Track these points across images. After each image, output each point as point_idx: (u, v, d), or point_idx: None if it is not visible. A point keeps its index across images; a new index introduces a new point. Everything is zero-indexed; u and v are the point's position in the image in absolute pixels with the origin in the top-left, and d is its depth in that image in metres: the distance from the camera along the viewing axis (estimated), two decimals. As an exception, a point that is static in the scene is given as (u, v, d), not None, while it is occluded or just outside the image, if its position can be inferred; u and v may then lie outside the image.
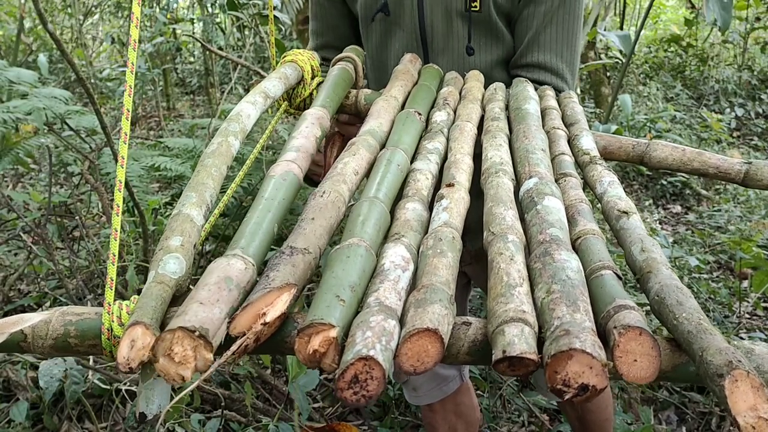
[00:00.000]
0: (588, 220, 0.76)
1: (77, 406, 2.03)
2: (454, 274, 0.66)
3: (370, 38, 1.40)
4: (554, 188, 0.81)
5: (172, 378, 0.55)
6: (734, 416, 0.49)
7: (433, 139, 0.99)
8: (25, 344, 0.64)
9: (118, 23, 7.09)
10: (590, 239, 0.72)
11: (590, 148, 1.02)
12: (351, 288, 0.61)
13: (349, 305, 0.59)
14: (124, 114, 0.71)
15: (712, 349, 0.52)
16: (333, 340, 0.55)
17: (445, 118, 1.08)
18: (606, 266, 0.65)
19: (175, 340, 0.55)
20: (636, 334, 0.54)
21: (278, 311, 0.60)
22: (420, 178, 0.87)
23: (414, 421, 2.22)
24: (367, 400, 0.52)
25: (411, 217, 0.77)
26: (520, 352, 0.53)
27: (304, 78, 1.17)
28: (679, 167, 1.04)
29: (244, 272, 0.64)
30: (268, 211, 0.75)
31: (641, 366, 0.53)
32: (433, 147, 0.97)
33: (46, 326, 0.64)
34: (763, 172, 1.00)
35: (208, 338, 0.55)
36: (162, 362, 0.55)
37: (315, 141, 0.94)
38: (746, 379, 0.50)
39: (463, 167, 0.90)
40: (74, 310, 0.66)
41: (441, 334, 0.55)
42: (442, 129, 1.04)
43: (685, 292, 0.60)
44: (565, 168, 0.92)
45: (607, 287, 0.62)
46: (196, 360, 0.55)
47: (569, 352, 0.51)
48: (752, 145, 5.46)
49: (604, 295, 0.61)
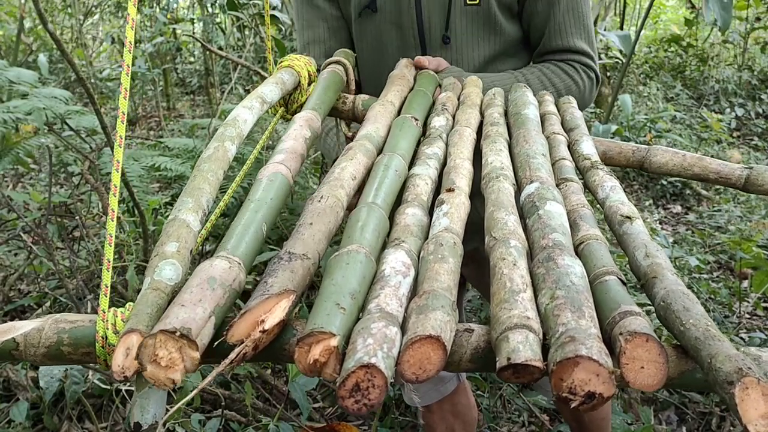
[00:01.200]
0: (590, 225, 0.76)
1: (77, 406, 2.03)
2: (456, 280, 0.65)
3: (364, 38, 1.40)
4: (556, 193, 0.80)
5: (163, 383, 0.54)
6: (745, 424, 0.48)
7: (432, 144, 0.99)
8: (17, 352, 0.63)
9: (118, 23, 7.08)
10: (593, 244, 0.71)
11: (591, 153, 1.01)
12: (351, 295, 0.60)
13: (349, 313, 0.58)
14: (119, 117, 0.70)
15: (721, 356, 0.51)
16: (334, 349, 0.54)
17: (444, 123, 1.07)
18: (610, 271, 0.64)
19: (158, 345, 0.54)
20: (643, 340, 0.53)
21: (277, 318, 0.59)
22: (419, 183, 0.86)
23: (414, 421, 2.22)
24: (368, 408, 0.51)
25: (411, 222, 0.76)
26: (525, 359, 0.52)
27: (300, 83, 1.16)
28: (680, 172, 1.04)
29: (228, 271, 0.63)
30: (256, 212, 0.75)
31: (648, 373, 0.53)
32: (432, 152, 0.96)
33: (39, 334, 0.63)
34: (764, 178, 1.00)
35: (190, 337, 0.54)
36: (150, 369, 0.54)
37: (304, 142, 0.93)
38: (757, 386, 0.49)
39: (463, 172, 0.89)
40: (67, 317, 0.65)
41: (443, 341, 0.54)
42: (441, 134, 1.03)
43: (692, 298, 0.59)
44: (565, 173, 0.92)
45: (612, 293, 0.61)
46: (183, 361, 0.54)
47: (575, 359, 0.50)
48: (752, 145, 5.46)
49: (609, 301, 0.60)
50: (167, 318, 0.56)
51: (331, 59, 1.25)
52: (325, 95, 1.12)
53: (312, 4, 1.44)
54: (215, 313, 0.59)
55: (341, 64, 1.23)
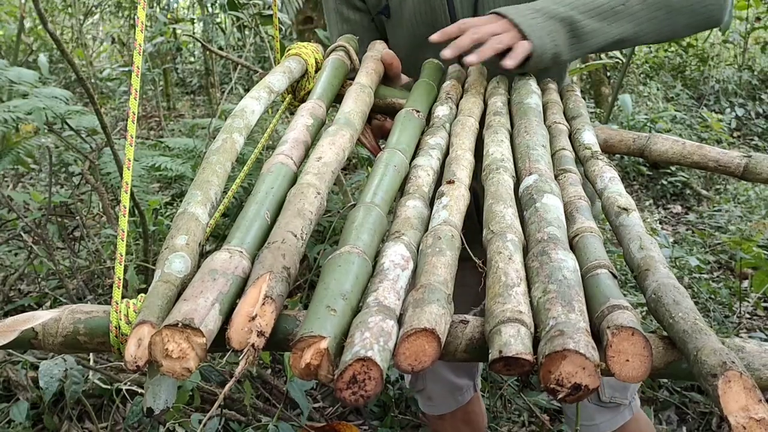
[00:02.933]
0: (586, 218, 0.76)
1: (77, 406, 2.04)
2: (453, 273, 0.66)
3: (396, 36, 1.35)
4: (554, 186, 0.81)
5: (180, 374, 0.57)
6: (726, 416, 0.49)
7: (435, 135, 0.99)
8: (36, 341, 0.66)
9: (118, 23, 7.09)
10: (588, 237, 0.72)
11: (591, 142, 1.01)
12: (342, 296, 0.61)
13: (341, 314, 0.60)
14: (129, 117, 0.71)
15: (706, 349, 0.53)
16: (324, 351, 0.56)
17: (447, 113, 1.07)
18: (602, 265, 0.65)
19: (165, 340, 0.56)
20: (629, 334, 0.55)
21: (267, 320, 0.60)
22: (421, 174, 0.87)
23: (414, 421, 2.22)
24: (365, 400, 0.52)
25: (411, 215, 0.77)
26: (516, 352, 0.53)
27: (308, 71, 1.17)
28: (679, 160, 1.04)
29: (228, 261, 0.65)
30: (258, 204, 0.76)
31: (633, 366, 0.54)
32: (434, 142, 0.97)
33: (57, 324, 0.66)
34: (762, 166, 1.00)
35: (194, 325, 0.56)
36: (165, 364, 0.56)
37: (306, 130, 0.94)
38: (739, 380, 0.50)
39: (464, 163, 0.89)
40: (83, 308, 0.67)
41: (438, 334, 0.56)
42: (444, 124, 1.03)
43: (682, 292, 0.60)
44: (565, 164, 0.92)
45: (602, 287, 0.62)
46: (193, 349, 0.56)
47: (563, 352, 0.51)
48: (752, 145, 5.46)
49: (599, 295, 0.61)
50: (171, 314, 0.58)
51: (334, 45, 1.24)
52: (329, 83, 1.12)
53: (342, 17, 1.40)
54: (219, 300, 0.60)
55: (344, 50, 1.23)
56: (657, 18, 1.12)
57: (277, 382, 2.25)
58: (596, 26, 1.11)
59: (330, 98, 1.10)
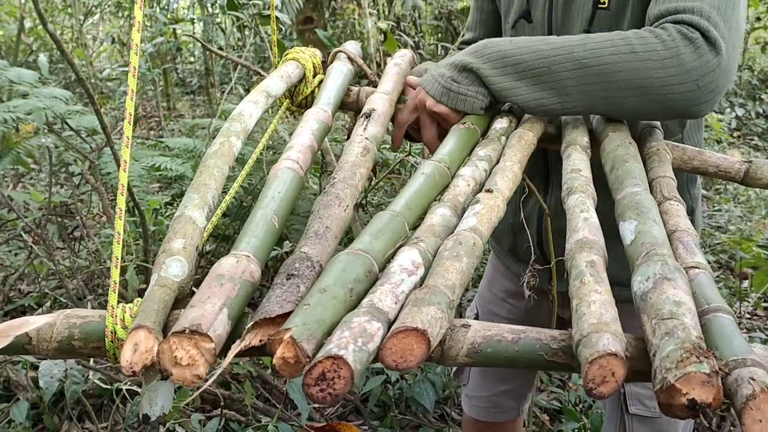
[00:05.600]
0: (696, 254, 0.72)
1: (77, 406, 2.04)
2: (464, 281, 0.65)
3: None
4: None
5: (191, 382, 0.56)
6: None
7: (487, 146, 0.96)
8: (30, 347, 0.65)
9: (118, 23, 7.09)
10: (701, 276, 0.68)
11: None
12: (320, 291, 0.61)
13: (316, 304, 0.59)
14: (126, 118, 0.71)
15: None
16: (291, 340, 0.55)
17: (506, 126, 1.04)
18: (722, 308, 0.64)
19: (173, 347, 0.56)
20: None
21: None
22: (460, 184, 0.85)
23: (414, 421, 2.22)
24: (332, 397, 0.52)
25: (436, 222, 0.76)
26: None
27: (305, 76, 1.17)
28: (680, 166, 1.03)
29: (235, 266, 0.65)
30: (267, 208, 0.76)
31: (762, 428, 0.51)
32: (484, 154, 0.94)
33: (51, 329, 0.65)
34: (763, 171, 1.00)
35: (201, 331, 0.56)
36: (175, 372, 0.56)
37: (311, 134, 0.94)
38: None
39: (509, 175, 0.86)
40: (78, 312, 0.66)
41: (429, 337, 0.55)
42: (500, 137, 1.00)
43: None
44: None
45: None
46: (203, 355, 0.56)
47: None
48: (752, 145, 5.46)
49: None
50: (179, 321, 0.58)
51: (337, 50, 1.24)
52: (333, 89, 1.12)
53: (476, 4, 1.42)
54: (227, 305, 0.60)
55: (348, 56, 1.23)
56: (592, 93, 0.99)
57: (277, 382, 2.25)
58: (508, 83, 1.03)
59: (335, 104, 1.10)
